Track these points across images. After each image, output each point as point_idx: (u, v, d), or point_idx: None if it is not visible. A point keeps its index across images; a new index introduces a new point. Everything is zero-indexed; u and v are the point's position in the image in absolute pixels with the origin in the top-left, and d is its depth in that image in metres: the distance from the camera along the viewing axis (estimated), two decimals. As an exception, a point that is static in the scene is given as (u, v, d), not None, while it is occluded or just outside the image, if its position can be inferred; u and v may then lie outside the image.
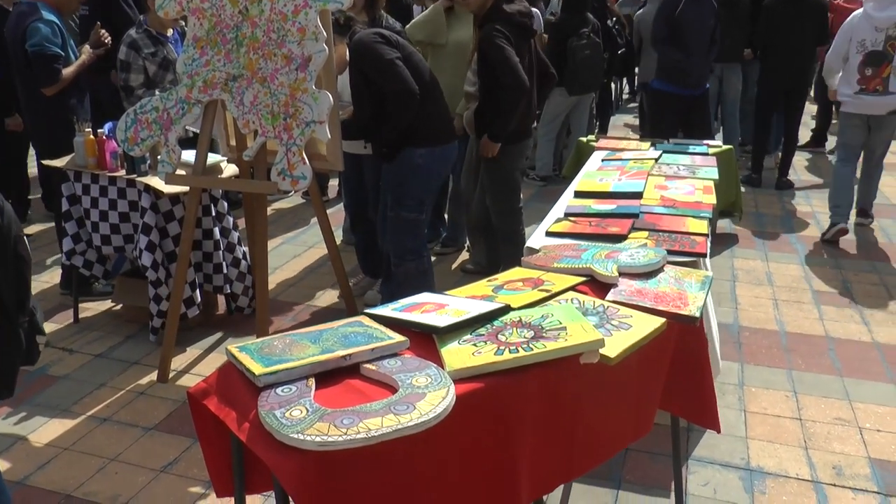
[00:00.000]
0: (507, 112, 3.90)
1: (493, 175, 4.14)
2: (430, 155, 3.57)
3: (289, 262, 5.06)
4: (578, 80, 6.61)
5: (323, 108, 2.94)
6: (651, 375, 2.07)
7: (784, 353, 3.73)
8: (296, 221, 5.97)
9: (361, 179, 4.24)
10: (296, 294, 4.50)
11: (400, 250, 3.72)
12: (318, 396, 1.56)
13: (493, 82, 3.88)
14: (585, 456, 1.85)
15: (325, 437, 1.38)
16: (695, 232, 2.73)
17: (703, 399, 2.24)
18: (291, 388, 1.57)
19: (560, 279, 2.17)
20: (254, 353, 1.69)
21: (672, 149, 4.40)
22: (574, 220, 2.94)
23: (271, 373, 1.59)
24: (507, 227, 4.25)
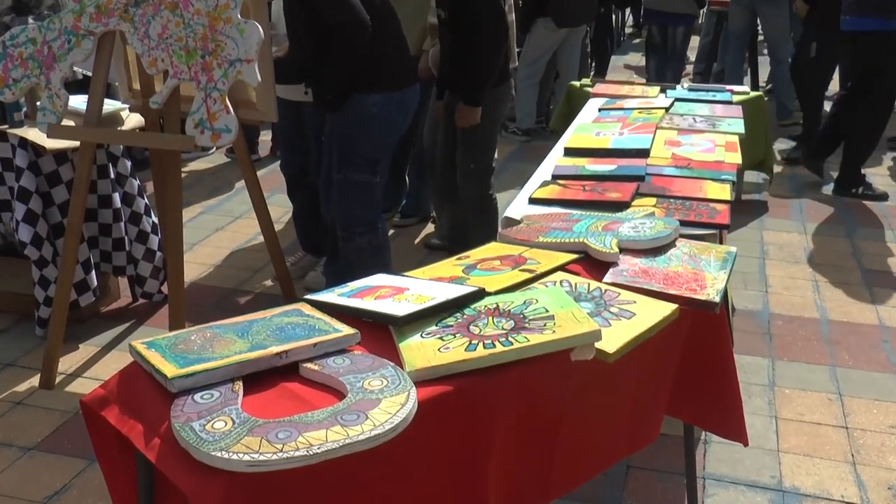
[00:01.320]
0: (486, 61, 3.93)
1: (469, 130, 4.17)
2: (387, 102, 3.57)
3: (210, 237, 5.05)
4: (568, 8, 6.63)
5: (251, 42, 2.93)
6: (656, 374, 2.12)
7: (826, 345, 3.82)
8: (218, 186, 5.95)
9: (301, 133, 4.24)
10: (219, 276, 4.51)
11: (348, 221, 3.73)
12: (248, 404, 1.57)
13: (465, 16, 3.89)
14: (568, 472, 1.89)
15: (255, 456, 1.40)
16: (715, 198, 2.78)
17: (725, 404, 2.30)
18: (213, 393, 1.59)
19: (546, 257, 2.20)
20: (165, 351, 1.69)
21: (686, 96, 4.46)
22: (564, 183, 2.97)
23: (188, 375, 1.60)
24: (478, 190, 4.30)
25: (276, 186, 5.74)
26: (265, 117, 3.39)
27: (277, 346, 1.70)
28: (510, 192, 5.54)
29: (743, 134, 3.68)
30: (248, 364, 1.65)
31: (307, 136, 4.22)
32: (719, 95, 4.46)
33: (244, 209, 5.40)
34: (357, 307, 1.89)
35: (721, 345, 2.27)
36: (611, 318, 1.89)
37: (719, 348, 2.27)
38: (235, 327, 1.80)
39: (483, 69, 3.98)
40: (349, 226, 3.72)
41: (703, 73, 8.83)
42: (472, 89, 4.01)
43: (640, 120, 3.78)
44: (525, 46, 7.04)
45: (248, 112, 3.37)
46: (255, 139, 6.40)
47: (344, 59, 3.45)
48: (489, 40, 3.91)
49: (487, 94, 4.08)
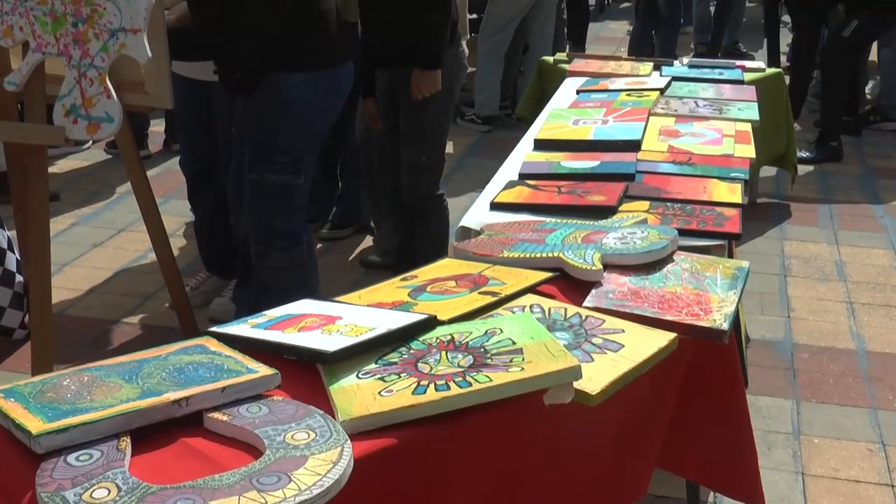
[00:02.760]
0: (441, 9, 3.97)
1: (421, 113, 4.20)
2: (313, 83, 3.58)
3: (86, 255, 5.01)
4: None
5: (138, 7, 2.93)
6: (647, 417, 2.15)
7: (864, 383, 3.88)
8: (96, 190, 5.90)
9: (205, 121, 4.23)
10: (98, 306, 4.47)
11: (265, 233, 3.72)
12: (138, 466, 1.57)
13: None
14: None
15: (147, 530, 1.40)
16: (723, 202, 2.82)
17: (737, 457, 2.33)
18: (92, 453, 1.58)
19: (513, 276, 2.22)
20: (29, 401, 1.69)
21: (687, 74, 4.51)
22: (534, 184, 3.00)
23: (58, 430, 1.60)
24: (427, 191, 4.32)
25: (172, 190, 5.71)
26: (157, 103, 3.38)
27: (175, 392, 1.70)
28: (467, 195, 5.58)
29: (758, 121, 3.73)
30: (137, 415, 1.65)
31: (214, 125, 4.22)
32: (728, 73, 4.52)
33: (130, 219, 5.36)
34: (276, 341, 1.89)
35: (731, 383, 2.31)
36: (593, 350, 1.92)
37: (728, 387, 2.31)
38: (121, 369, 1.80)
39: (436, 14, 4.01)
40: (266, 239, 3.71)
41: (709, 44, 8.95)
42: (428, 46, 4.04)
43: (629, 104, 3.82)
44: (486, 12, 7.09)
45: (136, 96, 3.35)
46: (143, 130, 6.37)
47: (258, 28, 3.45)
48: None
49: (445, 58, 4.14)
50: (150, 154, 6.40)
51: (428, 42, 4.06)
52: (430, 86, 4.11)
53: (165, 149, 6.56)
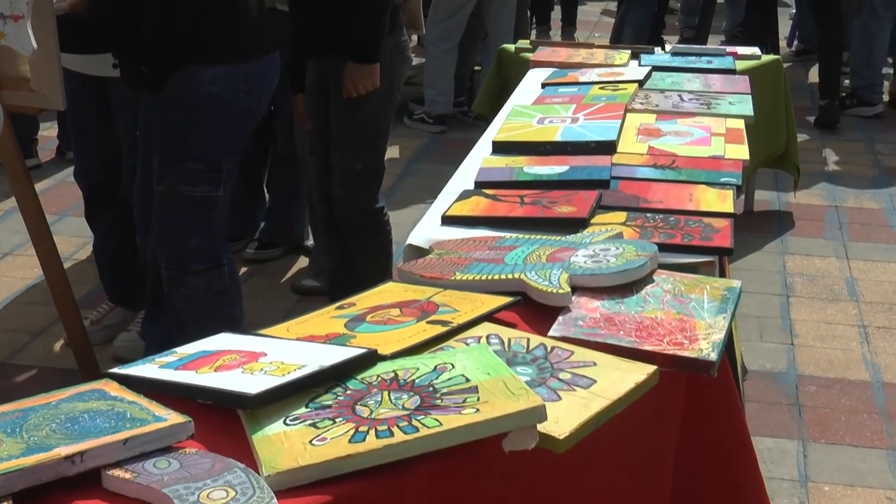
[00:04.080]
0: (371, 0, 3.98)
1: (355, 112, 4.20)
2: (232, 78, 3.58)
3: (-37, 286, 4.96)
4: None
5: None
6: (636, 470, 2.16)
7: (882, 420, 3.93)
8: (-25, 207, 5.85)
9: (105, 123, 4.22)
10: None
11: (178, 255, 3.71)
12: (23, 534, 1.56)
13: None
14: None
15: None
16: (711, 211, 2.84)
17: None
18: (-31, 521, 1.57)
19: (466, 302, 2.23)
20: None
21: (670, 63, 4.55)
22: (492, 193, 3.01)
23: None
24: (365, 203, 4.32)
25: (67, 205, 5.68)
26: (47, 103, 3.37)
27: (68, 447, 1.69)
28: (415, 207, 5.59)
29: (752, 117, 3.76)
30: (21, 475, 1.63)
31: (114, 127, 4.20)
32: (717, 61, 4.56)
33: (16, 241, 5.33)
34: (189, 383, 1.89)
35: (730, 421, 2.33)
36: (560, 388, 1.92)
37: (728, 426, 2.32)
38: (1, 420, 1.79)
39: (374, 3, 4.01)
40: (179, 262, 3.71)
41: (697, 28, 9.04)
42: (364, 35, 4.04)
43: (603, 99, 3.85)
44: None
45: (20, 95, 3.34)
46: (31, 135, 6.34)
47: (166, 13, 3.46)
48: None
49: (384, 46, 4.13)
50: (40, 163, 6.37)
51: (362, 29, 4.04)
52: (366, 81, 4.10)
53: (59, 157, 6.53)
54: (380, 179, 4.39)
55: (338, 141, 4.27)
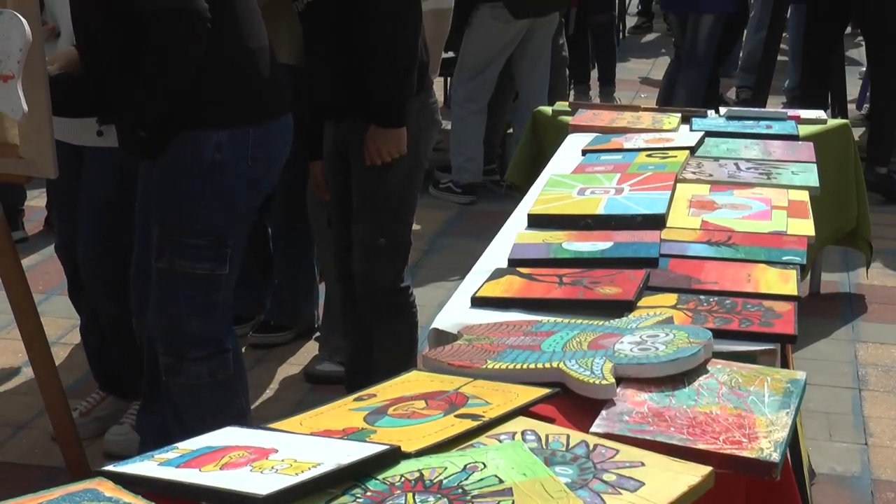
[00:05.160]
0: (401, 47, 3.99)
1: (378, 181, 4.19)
2: (239, 143, 3.61)
3: (-61, 372, 4.98)
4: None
5: (10, 47, 2.97)
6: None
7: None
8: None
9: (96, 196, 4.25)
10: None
11: (177, 340, 3.72)
12: None
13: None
14: None
15: None
16: (773, 293, 2.84)
17: None
18: None
19: (500, 393, 2.23)
20: None
21: (725, 128, 4.55)
22: (528, 272, 3.02)
23: None
24: (389, 282, 4.32)
25: (55, 283, 5.70)
26: (37, 171, 3.40)
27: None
28: (441, 286, 5.60)
29: (818, 188, 3.75)
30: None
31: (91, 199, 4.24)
32: (778, 126, 4.55)
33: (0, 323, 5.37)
34: (192, 483, 1.89)
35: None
36: (604, 490, 1.92)
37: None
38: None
39: (399, 53, 4.00)
40: (178, 347, 3.71)
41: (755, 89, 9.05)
42: (388, 96, 4.03)
43: (650, 168, 3.85)
44: (462, 50, 7.15)
45: (8, 162, 3.38)
46: (18, 205, 6.39)
47: (165, 74, 3.50)
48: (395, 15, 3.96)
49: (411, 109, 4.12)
50: (27, 236, 6.42)
51: (387, 90, 4.03)
52: (390, 147, 4.06)
53: (47, 229, 6.55)
54: (405, 255, 4.36)
55: (359, 212, 4.24)
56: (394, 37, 3.96)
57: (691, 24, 7.80)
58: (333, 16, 4.04)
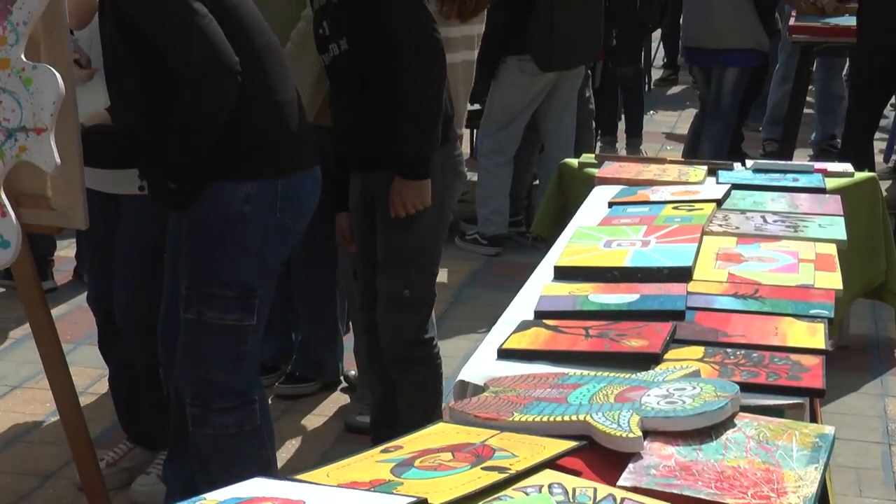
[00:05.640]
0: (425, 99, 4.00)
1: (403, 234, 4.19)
2: (267, 195, 3.62)
3: (-32, 420, 5.00)
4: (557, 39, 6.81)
5: (44, 101, 2.99)
6: None
7: None
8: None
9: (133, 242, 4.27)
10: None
11: (205, 390, 3.72)
12: None
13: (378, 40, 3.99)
14: None
15: None
16: (800, 347, 2.83)
17: None
18: None
19: (526, 446, 2.22)
20: None
21: (751, 180, 4.55)
22: (554, 324, 3.02)
23: None
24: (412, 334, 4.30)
25: (83, 333, 5.71)
26: (67, 222, 3.42)
27: None
28: (466, 338, 5.59)
29: (846, 241, 3.74)
30: None
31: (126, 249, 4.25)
32: (804, 179, 4.55)
33: (26, 373, 5.38)
34: (218, 534, 1.90)
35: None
36: (633, 545, 1.92)
37: None
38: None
39: (423, 105, 4.00)
40: (205, 398, 3.72)
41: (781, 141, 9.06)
42: (413, 148, 4.02)
43: (677, 220, 3.85)
44: (488, 102, 7.19)
45: (39, 213, 3.39)
46: (47, 256, 6.41)
47: (196, 126, 3.53)
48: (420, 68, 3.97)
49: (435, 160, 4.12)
50: (56, 286, 6.43)
51: (411, 142, 4.02)
52: (415, 199, 4.06)
53: (76, 279, 6.58)
54: (429, 307, 4.36)
55: (384, 264, 4.24)
56: (419, 90, 3.97)
57: (716, 77, 7.83)
58: (358, 69, 4.06)
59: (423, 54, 3.93)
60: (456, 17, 4.88)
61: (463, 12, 4.85)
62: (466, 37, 5.00)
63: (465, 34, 4.98)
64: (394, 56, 3.93)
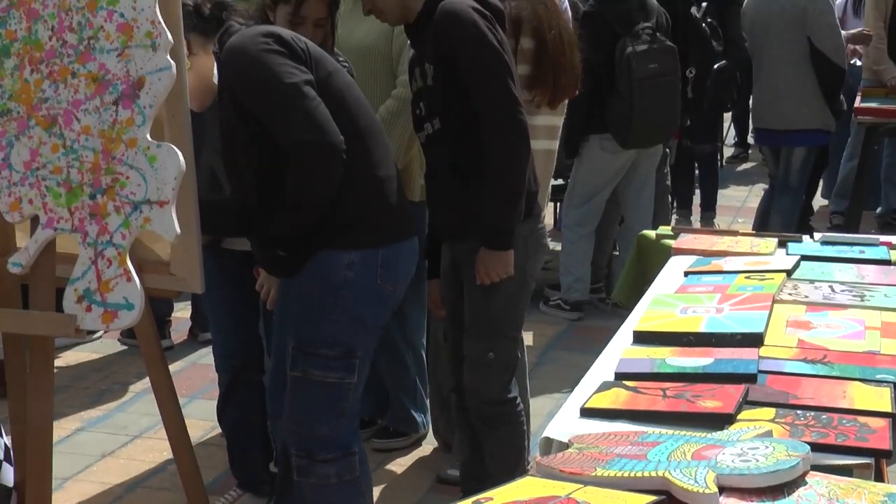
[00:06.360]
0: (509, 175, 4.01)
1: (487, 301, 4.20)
2: (369, 263, 3.66)
3: (92, 468, 5.06)
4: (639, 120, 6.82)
5: (166, 176, 3.03)
6: None
7: None
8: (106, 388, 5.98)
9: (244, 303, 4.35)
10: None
11: (308, 442, 3.75)
12: None
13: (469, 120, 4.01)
14: None
15: None
16: (867, 409, 2.79)
17: None
18: None
19: (609, 499, 2.21)
20: None
21: (819, 252, 4.50)
22: (634, 385, 3.00)
23: None
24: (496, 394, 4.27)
25: (197, 388, 5.78)
26: (185, 286, 3.45)
27: None
28: (550, 397, 5.58)
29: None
30: None
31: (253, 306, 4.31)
32: (870, 251, 4.50)
33: (146, 424, 5.44)
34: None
35: None
36: None
37: None
38: None
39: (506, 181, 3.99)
40: (309, 449, 3.74)
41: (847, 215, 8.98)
42: (497, 221, 4.02)
43: (749, 289, 3.82)
44: (572, 178, 7.21)
45: (160, 278, 3.44)
46: (166, 317, 6.49)
47: (305, 201, 3.57)
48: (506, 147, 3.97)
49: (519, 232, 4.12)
50: (173, 345, 6.50)
51: (495, 215, 4.02)
52: (498, 268, 4.04)
53: (191, 338, 6.66)
54: (513, 369, 4.33)
55: (469, 328, 4.24)
56: (505, 167, 3.97)
57: (784, 156, 7.79)
58: (449, 146, 4.08)
59: (508, 134, 3.93)
60: (546, 106, 4.94)
61: (553, 101, 4.89)
62: (549, 126, 5.06)
63: (547, 124, 5.04)
64: (481, 135, 3.96)
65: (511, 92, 3.93)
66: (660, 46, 6.76)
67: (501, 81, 3.91)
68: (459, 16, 3.88)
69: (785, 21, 7.38)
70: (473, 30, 3.87)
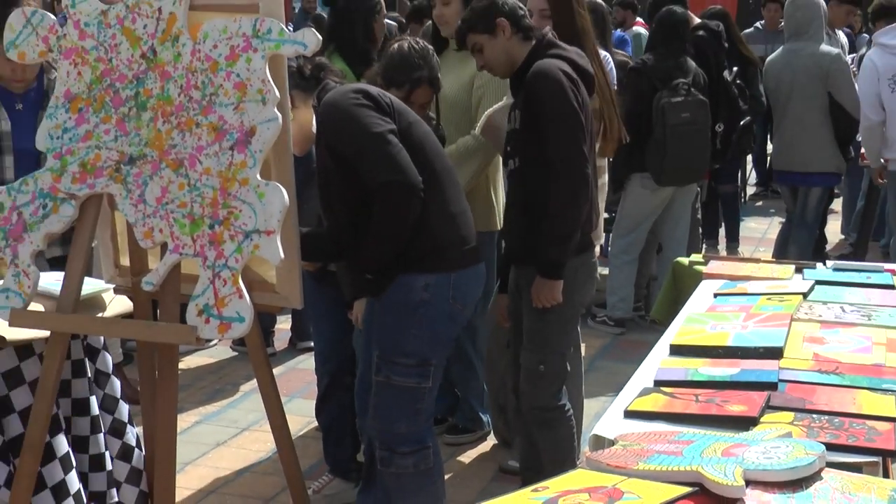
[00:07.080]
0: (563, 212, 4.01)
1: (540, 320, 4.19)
2: (442, 286, 3.69)
3: (208, 455, 5.11)
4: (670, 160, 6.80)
5: (273, 210, 3.06)
6: None
7: None
8: (221, 387, 6.04)
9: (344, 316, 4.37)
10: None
11: (388, 437, 3.77)
12: None
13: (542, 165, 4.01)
14: None
15: None
16: (874, 414, 2.76)
17: None
18: None
19: (649, 490, 2.19)
20: None
21: (831, 278, 4.47)
22: (670, 391, 2.99)
23: None
24: (545, 400, 4.25)
25: (295, 388, 5.83)
26: (287, 303, 3.49)
27: None
28: (597, 400, 5.53)
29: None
30: None
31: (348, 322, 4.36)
32: (875, 277, 4.46)
33: (253, 418, 5.48)
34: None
35: None
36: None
37: None
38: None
39: (564, 228, 4.00)
40: (390, 444, 3.76)
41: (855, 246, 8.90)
42: (550, 254, 4.03)
43: (770, 309, 3.80)
44: (619, 212, 7.21)
45: (266, 296, 3.47)
46: (269, 328, 6.53)
47: (387, 233, 3.60)
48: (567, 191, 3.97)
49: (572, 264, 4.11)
50: (276, 352, 6.54)
51: (550, 249, 4.02)
52: (548, 295, 4.05)
53: (290, 346, 6.71)
54: (561, 381, 4.29)
55: (525, 342, 4.25)
56: (564, 211, 3.99)
57: (801, 195, 7.72)
58: (524, 185, 4.12)
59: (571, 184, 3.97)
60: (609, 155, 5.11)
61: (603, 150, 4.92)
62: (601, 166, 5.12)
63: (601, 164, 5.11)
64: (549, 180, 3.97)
65: (580, 147, 3.95)
66: (693, 99, 6.76)
67: (573, 136, 3.94)
68: (547, 74, 3.95)
69: (808, 77, 7.32)
70: (557, 87, 3.92)
